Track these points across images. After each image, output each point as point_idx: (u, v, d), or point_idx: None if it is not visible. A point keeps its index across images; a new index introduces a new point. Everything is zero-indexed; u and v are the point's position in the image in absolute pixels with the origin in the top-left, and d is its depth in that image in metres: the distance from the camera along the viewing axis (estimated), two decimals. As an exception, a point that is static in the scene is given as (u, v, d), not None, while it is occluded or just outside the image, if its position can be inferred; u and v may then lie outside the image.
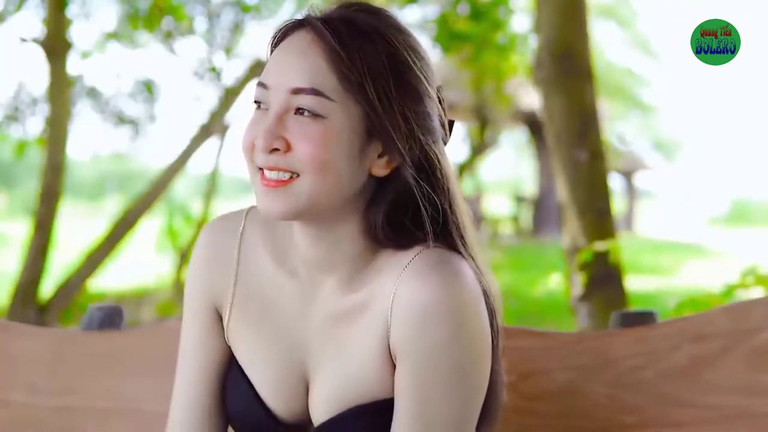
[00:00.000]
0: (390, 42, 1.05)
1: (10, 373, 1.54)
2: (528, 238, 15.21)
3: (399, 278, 1.07)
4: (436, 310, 1.04)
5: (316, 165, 1.03)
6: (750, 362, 1.39)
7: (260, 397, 1.14)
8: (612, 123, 17.03)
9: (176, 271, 8.70)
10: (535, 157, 15.99)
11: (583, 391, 1.41)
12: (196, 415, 1.19)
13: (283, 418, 1.14)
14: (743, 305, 1.43)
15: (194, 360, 1.20)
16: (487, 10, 6.38)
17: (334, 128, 1.03)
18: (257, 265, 1.16)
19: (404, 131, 1.05)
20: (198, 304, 1.20)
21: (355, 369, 1.10)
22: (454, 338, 1.04)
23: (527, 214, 16.68)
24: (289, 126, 1.04)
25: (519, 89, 11.89)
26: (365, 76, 1.03)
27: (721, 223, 22.63)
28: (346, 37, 1.04)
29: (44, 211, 5.44)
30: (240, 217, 1.19)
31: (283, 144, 1.04)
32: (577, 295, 2.80)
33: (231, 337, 1.18)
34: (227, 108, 7.17)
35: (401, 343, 1.06)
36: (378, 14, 1.08)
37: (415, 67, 1.07)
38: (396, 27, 1.08)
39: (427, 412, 1.05)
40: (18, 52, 15.92)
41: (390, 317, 1.07)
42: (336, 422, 1.10)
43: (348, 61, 1.03)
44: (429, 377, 1.05)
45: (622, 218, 16.92)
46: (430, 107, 1.08)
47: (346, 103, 1.04)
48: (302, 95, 1.03)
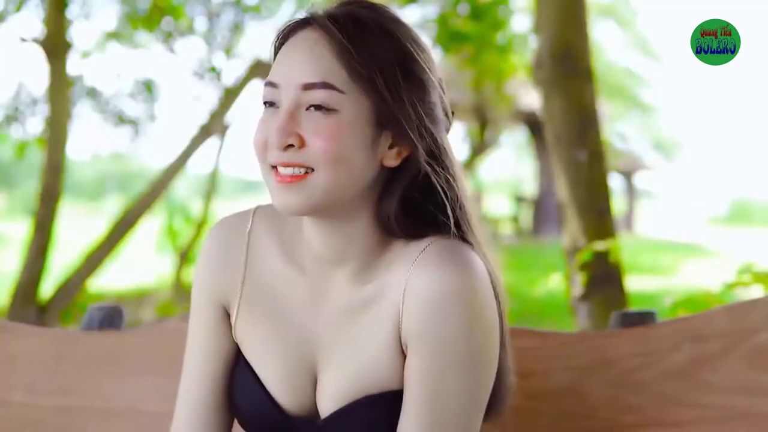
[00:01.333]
0: (395, 35, 1.08)
1: (10, 373, 1.55)
2: (528, 238, 15.20)
3: (411, 269, 1.09)
4: (448, 300, 1.06)
5: (330, 159, 1.05)
6: (750, 362, 1.39)
7: (269, 392, 1.15)
8: (612, 123, 17.02)
9: (176, 271, 8.70)
10: (535, 157, 15.99)
11: (583, 391, 1.41)
12: (202, 411, 1.20)
13: (292, 411, 1.15)
14: (743, 305, 1.43)
15: (201, 357, 1.21)
16: (487, 10, 6.38)
17: (346, 121, 1.05)
18: (266, 262, 1.18)
19: (414, 121, 1.07)
20: (206, 302, 1.21)
21: (364, 360, 1.11)
22: (466, 327, 1.06)
23: (527, 214, 16.68)
24: (302, 122, 1.06)
25: (519, 89, 11.89)
26: (374, 68, 1.05)
27: (721, 223, 22.63)
28: (353, 31, 1.06)
29: (44, 211, 5.44)
30: (247, 216, 1.21)
31: (297, 140, 1.05)
32: (577, 295, 2.80)
33: (239, 334, 1.19)
34: (227, 108, 7.17)
35: (413, 333, 1.08)
36: (379, 10, 1.10)
37: (420, 59, 1.09)
38: (397, 21, 1.10)
39: (438, 400, 1.07)
40: (18, 52, 15.93)
41: (402, 308, 1.09)
42: (344, 413, 1.12)
43: (357, 54, 1.05)
44: (441, 366, 1.07)
45: (622, 218, 16.93)
46: (435, 97, 1.11)
47: (357, 96, 1.06)
48: (313, 90, 1.05)
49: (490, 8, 6.41)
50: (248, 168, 32.25)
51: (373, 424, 1.11)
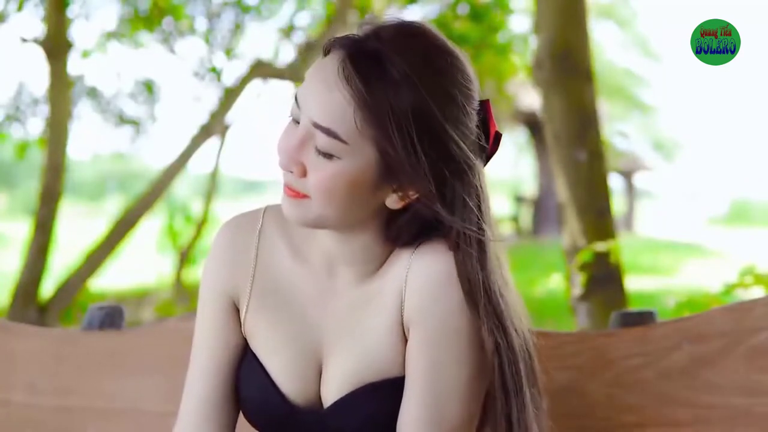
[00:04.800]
0: (419, 89, 1.04)
1: (10, 373, 1.55)
2: (528, 238, 15.20)
3: (411, 257, 1.13)
4: (449, 279, 1.10)
5: (324, 197, 1.08)
6: (750, 362, 1.39)
7: (275, 383, 1.17)
8: (612, 123, 17.01)
9: (177, 271, 8.69)
10: (535, 157, 15.99)
11: (583, 390, 1.41)
12: (208, 405, 1.21)
13: (297, 402, 1.17)
14: (743, 305, 1.43)
15: (208, 351, 1.22)
16: (487, 11, 6.37)
17: (345, 169, 1.07)
18: (275, 259, 1.21)
19: (426, 172, 1.06)
20: (215, 297, 1.23)
21: (367, 348, 1.14)
22: (461, 302, 1.10)
23: (527, 214, 16.68)
24: (308, 154, 1.08)
25: (519, 89, 11.89)
26: (389, 122, 1.04)
27: (721, 223, 22.61)
28: (374, 79, 1.04)
29: (45, 211, 5.43)
30: (258, 215, 1.24)
31: (299, 170, 1.08)
32: (577, 295, 2.80)
33: (248, 329, 1.21)
34: (227, 108, 7.15)
35: (415, 312, 1.12)
36: (414, 49, 1.06)
37: (444, 112, 1.06)
38: (432, 66, 1.07)
39: (440, 377, 1.10)
40: (18, 52, 15.92)
41: (404, 292, 1.13)
42: (347, 401, 1.14)
43: (373, 105, 1.04)
44: (442, 342, 1.10)
45: (622, 218, 16.93)
46: (463, 136, 1.08)
47: (363, 146, 1.06)
48: (319, 132, 1.06)
49: (490, 9, 6.40)
50: (248, 168, 32.22)
51: (375, 411, 1.13)
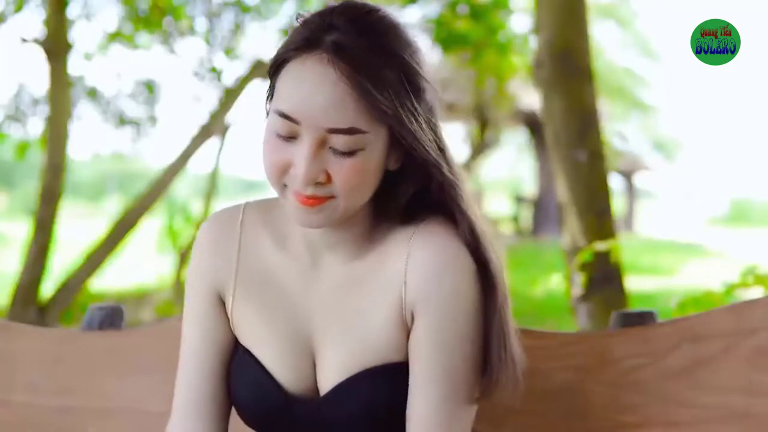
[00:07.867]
0: (401, 56, 1.09)
1: (10, 373, 1.55)
2: (528, 238, 15.19)
3: (410, 241, 1.14)
4: (448, 264, 1.12)
5: (354, 191, 1.09)
6: (750, 362, 1.38)
7: (270, 374, 1.17)
8: (612, 123, 17.00)
9: (176, 271, 8.69)
10: (535, 157, 15.98)
11: (583, 391, 1.41)
12: (200, 400, 1.21)
13: (292, 391, 1.17)
14: (743, 305, 1.43)
15: (197, 346, 1.22)
16: (487, 11, 6.37)
17: (369, 155, 1.09)
18: (258, 250, 1.21)
19: (426, 131, 1.11)
20: (201, 291, 1.23)
21: (365, 334, 1.14)
22: (468, 285, 1.12)
23: (527, 214, 16.67)
24: (328, 159, 1.08)
25: (519, 89, 11.89)
26: (392, 99, 1.07)
27: (721, 223, 22.62)
28: (369, 66, 1.06)
29: (45, 211, 5.44)
30: (238, 209, 1.24)
31: (325, 177, 1.08)
32: (577, 295, 2.80)
33: (235, 321, 1.22)
34: (228, 108, 7.16)
35: (420, 297, 1.12)
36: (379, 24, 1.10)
37: (418, 65, 1.11)
38: (392, 27, 1.10)
39: (449, 355, 1.11)
40: (19, 52, 15.92)
41: (405, 277, 1.13)
42: (344, 387, 1.14)
43: (378, 93, 1.06)
44: (450, 325, 1.12)
45: (622, 218, 16.92)
46: (432, 94, 1.13)
47: (377, 129, 1.08)
48: (339, 135, 1.06)
49: (490, 9, 6.40)
50: (248, 168, 32.24)
51: (372, 398, 1.13)
